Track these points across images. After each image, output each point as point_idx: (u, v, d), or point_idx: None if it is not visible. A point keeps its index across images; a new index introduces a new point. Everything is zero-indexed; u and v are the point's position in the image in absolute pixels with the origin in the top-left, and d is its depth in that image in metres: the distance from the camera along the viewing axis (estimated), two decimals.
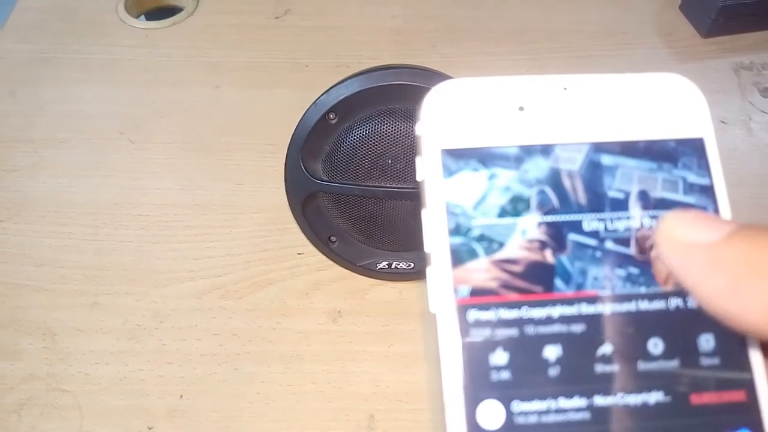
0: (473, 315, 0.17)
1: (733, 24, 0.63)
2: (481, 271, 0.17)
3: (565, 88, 0.19)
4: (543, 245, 0.18)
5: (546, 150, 0.19)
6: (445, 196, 0.18)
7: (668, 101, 0.19)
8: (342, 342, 0.45)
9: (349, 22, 0.64)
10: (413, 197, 0.42)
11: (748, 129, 0.57)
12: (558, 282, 0.17)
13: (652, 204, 0.18)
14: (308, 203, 0.43)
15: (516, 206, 0.18)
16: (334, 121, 0.41)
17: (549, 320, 0.17)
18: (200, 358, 0.44)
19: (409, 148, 0.41)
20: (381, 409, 0.42)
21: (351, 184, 0.42)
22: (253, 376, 0.43)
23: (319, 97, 0.41)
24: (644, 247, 0.18)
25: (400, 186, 0.41)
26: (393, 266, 0.45)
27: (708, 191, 0.19)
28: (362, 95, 0.40)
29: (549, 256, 0.18)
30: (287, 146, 0.42)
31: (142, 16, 0.68)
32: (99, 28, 0.63)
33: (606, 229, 0.18)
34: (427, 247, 0.18)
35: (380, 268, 0.46)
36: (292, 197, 0.43)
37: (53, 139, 0.55)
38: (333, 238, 0.45)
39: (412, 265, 0.45)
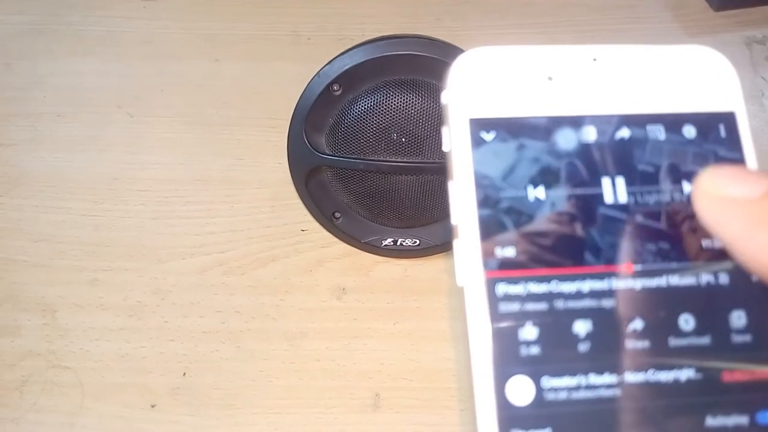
0: (502, 288, 0.17)
1: None
2: (510, 243, 0.17)
3: (594, 59, 0.19)
4: (572, 218, 0.17)
5: (575, 121, 0.18)
6: (472, 167, 0.17)
7: (699, 74, 0.19)
8: (346, 319, 0.44)
9: None
10: (419, 172, 0.41)
11: (761, 104, 0.55)
12: (588, 256, 0.17)
13: (682, 177, 0.18)
14: (311, 178, 0.42)
15: (545, 178, 0.18)
16: (338, 93, 0.40)
17: (579, 295, 0.17)
18: (202, 336, 0.43)
19: (415, 121, 0.40)
20: (386, 387, 0.41)
21: (355, 158, 0.41)
22: (256, 354, 0.43)
23: (322, 68, 0.39)
24: (675, 220, 0.18)
25: (406, 160, 0.40)
26: (398, 243, 0.45)
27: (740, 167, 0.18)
28: (367, 66, 0.39)
29: (578, 229, 0.17)
30: (290, 119, 0.41)
31: None
32: None
33: (636, 202, 0.18)
34: (454, 219, 0.17)
35: (385, 245, 0.45)
36: (295, 172, 0.42)
37: (50, 112, 0.54)
38: (337, 214, 0.44)
39: (418, 242, 0.45)
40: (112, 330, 0.43)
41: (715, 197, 0.16)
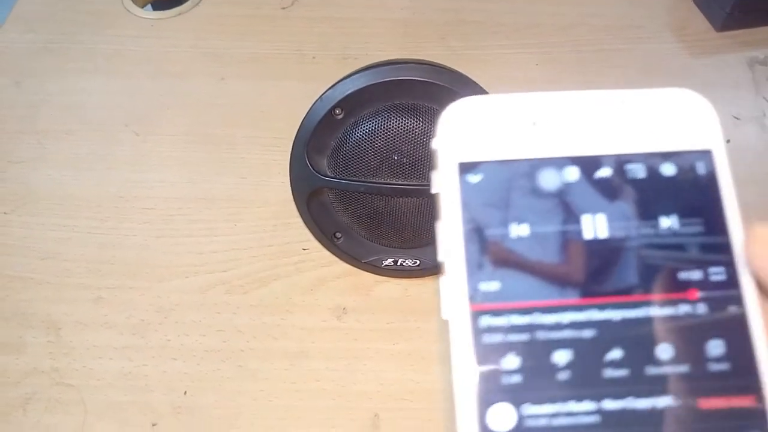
0: (485, 321, 0.18)
1: (748, 17, 0.61)
2: (493, 278, 0.18)
3: (576, 104, 0.20)
4: (554, 253, 0.18)
5: (558, 163, 0.19)
6: (460, 208, 0.19)
7: (678, 115, 0.20)
8: (347, 339, 0.44)
9: (357, 14, 0.63)
10: (419, 194, 0.41)
11: (762, 126, 0.55)
12: (568, 289, 0.18)
13: (660, 213, 0.19)
14: (313, 199, 0.43)
15: (528, 216, 0.19)
16: (340, 117, 0.40)
17: (559, 326, 0.18)
18: (204, 354, 0.44)
19: (415, 145, 0.40)
20: (385, 407, 0.42)
21: (356, 181, 0.41)
22: (257, 373, 0.43)
23: (325, 92, 0.40)
24: (653, 254, 0.18)
25: (406, 183, 0.41)
26: (399, 263, 0.45)
27: (717, 202, 0.19)
28: (369, 90, 0.39)
29: (560, 263, 0.18)
30: (292, 141, 0.41)
31: (149, 6, 0.67)
32: (104, 18, 0.63)
33: (616, 238, 0.18)
34: (441, 256, 0.18)
35: (386, 265, 0.45)
36: (297, 193, 0.43)
37: (58, 130, 0.55)
38: (338, 234, 0.44)
39: (418, 262, 0.45)
40: (115, 348, 0.44)
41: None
